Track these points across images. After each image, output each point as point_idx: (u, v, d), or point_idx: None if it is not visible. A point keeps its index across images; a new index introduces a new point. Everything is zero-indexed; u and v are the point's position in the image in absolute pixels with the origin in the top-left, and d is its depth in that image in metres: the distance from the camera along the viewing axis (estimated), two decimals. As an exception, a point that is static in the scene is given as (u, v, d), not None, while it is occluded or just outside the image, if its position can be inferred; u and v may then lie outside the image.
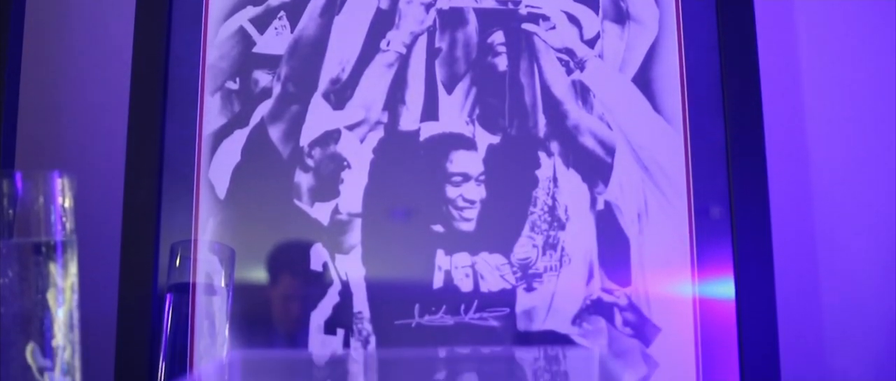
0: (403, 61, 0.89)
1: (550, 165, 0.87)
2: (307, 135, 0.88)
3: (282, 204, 0.87)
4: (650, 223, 0.86)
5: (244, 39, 0.90)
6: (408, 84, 0.89)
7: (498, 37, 0.89)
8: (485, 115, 0.88)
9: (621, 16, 0.90)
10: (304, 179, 0.87)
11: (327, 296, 0.85)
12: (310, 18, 0.90)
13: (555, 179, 0.87)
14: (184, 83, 0.88)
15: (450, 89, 0.89)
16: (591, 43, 0.89)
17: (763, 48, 0.89)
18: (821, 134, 0.94)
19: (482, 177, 0.87)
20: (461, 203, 0.87)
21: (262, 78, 0.89)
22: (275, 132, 0.88)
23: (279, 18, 0.90)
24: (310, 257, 0.86)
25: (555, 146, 0.88)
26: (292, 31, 0.90)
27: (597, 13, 0.90)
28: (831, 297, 0.92)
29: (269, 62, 0.89)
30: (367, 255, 0.86)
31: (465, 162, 0.87)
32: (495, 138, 0.88)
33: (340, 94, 0.89)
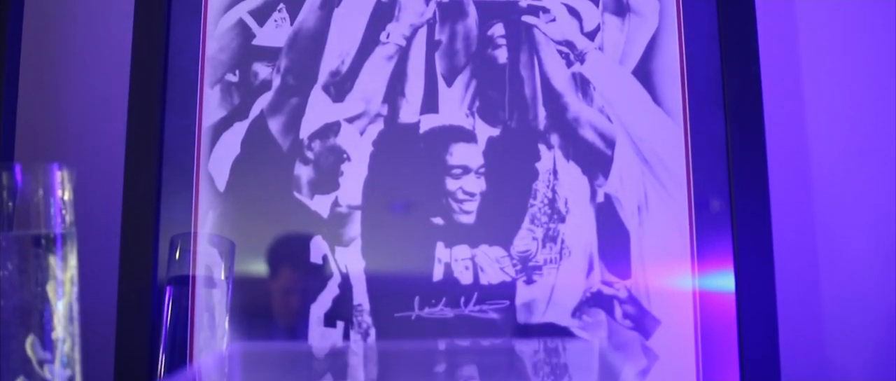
0: (403, 54, 0.89)
1: (550, 157, 0.87)
2: (307, 127, 0.88)
3: (281, 197, 0.87)
4: (650, 216, 0.86)
5: (244, 32, 0.90)
6: (408, 76, 0.88)
7: (498, 29, 0.89)
8: (485, 107, 0.88)
9: (621, 8, 0.90)
10: (303, 172, 0.87)
11: (327, 288, 0.85)
12: (309, 11, 0.90)
13: (555, 172, 0.87)
14: (183, 76, 0.88)
15: (450, 82, 0.88)
16: (591, 35, 0.89)
17: (763, 41, 0.89)
18: (821, 127, 0.94)
19: (482, 169, 0.87)
20: (461, 196, 0.87)
21: (262, 70, 0.89)
22: (274, 125, 0.88)
23: (279, 11, 0.90)
24: (309, 249, 0.86)
25: (555, 139, 0.87)
26: (292, 24, 0.90)
27: (597, 5, 0.90)
28: (831, 290, 0.92)
29: (269, 54, 0.89)
30: (366, 247, 0.86)
31: (465, 154, 0.87)
32: (495, 131, 0.88)
33: (340, 86, 0.89)
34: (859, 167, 0.94)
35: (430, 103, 0.88)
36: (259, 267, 0.86)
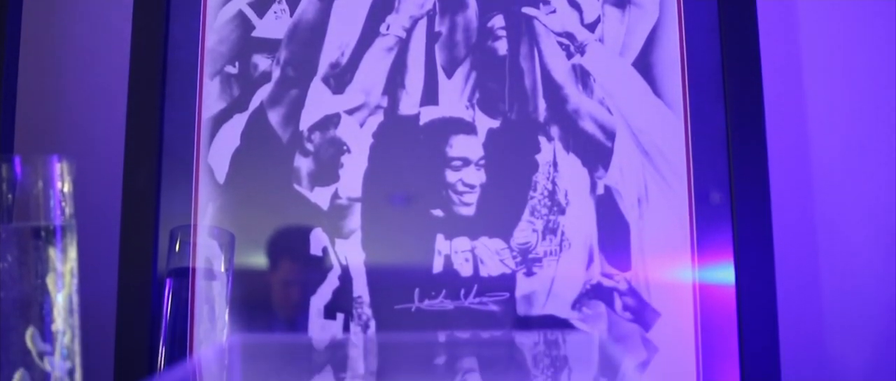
0: (403, 45, 0.89)
1: (550, 149, 0.87)
2: (307, 119, 0.88)
3: (281, 189, 0.87)
4: (650, 208, 0.86)
5: (243, 23, 0.89)
6: (407, 68, 0.88)
7: (498, 21, 0.89)
8: (485, 99, 0.88)
9: None
10: (303, 164, 0.87)
11: (327, 281, 0.85)
12: (309, 2, 0.90)
13: (555, 164, 0.87)
14: (183, 67, 0.88)
15: (450, 73, 0.88)
16: (591, 27, 0.89)
17: (764, 33, 0.89)
18: (822, 119, 0.94)
19: (482, 161, 0.87)
20: (461, 187, 0.87)
21: (262, 62, 0.89)
22: (274, 116, 0.88)
23: (278, 2, 0.90)
24: (309, 241, 0.86)
25: (555, 131, 0.87)
26: (292, 15, 0.90)
27: (597, -3, 0.90)
28: (831, 283, 0.92)
29: (269, 46, 0.89)
30: (366, 239, 0.86)
31: (465, 146, 0.87)
32: (495, 123, 0.88)
33: (340, 78, 0.88)
34: (860, 160, 0.93)
35: (430, 95, 0.88)
36: (259, 259, 0.86)
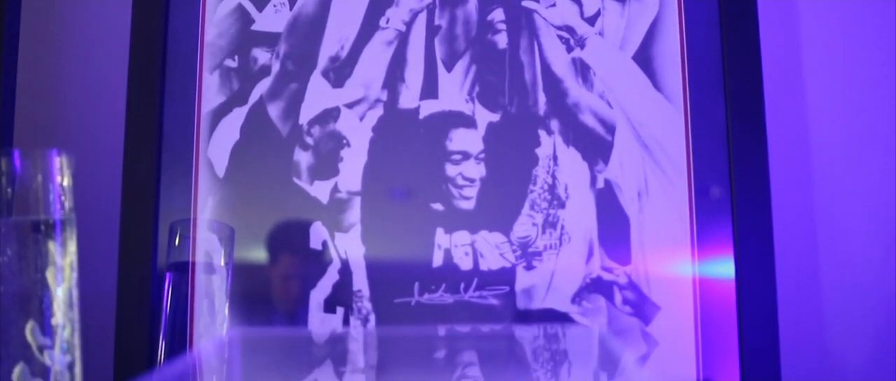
0: (403, 39, 0.89)
1: (550, 143, 0.87)
2: (306, 113, 0.88)
3: (281, 182, 0.87)
4: (650, 202, 0.86)
5: (243, 17, 0.89)
6: (407, 62, 0.88)
7: (498, 14, 0.89)
8: (484, 93, 0.88)
9: (622, -7, 0.90)
10: (303, 158, 0.87)
11: (327, 274, 0.85)
12: (309, -4, 0.90)
13: (555, 158, 0.87)
14: (182, 61, 0.88)
15: (449, 67, 0.88)
16: (591, 20, 0.89)
17: (764, 26, 0.89)
18: (822, 114, 0.94)
19: (482, 155, 0.87)
20: (461, 181, 0.87)
21: (261, 56, 0.89)
22: (274, 110, 0.88)
23: (278, -4, 0.90)
24: (309, 235, 0.86)
25: (555, 124, 0.87)
26: (291, 9, 0.89)
27: (597, -10, 0.90)
28: (831, 278, 0.92)
29: (268, 40, 0.89)
30: (366, 233, 0.86)
31: (465, 140, 0.87)
32: (495, 116, 0.87)
33: (340, 71, 0.88)
34: (860, 154, 0.93)
35: (429, 89, 0.88)
36: (259, 253, 0.86)
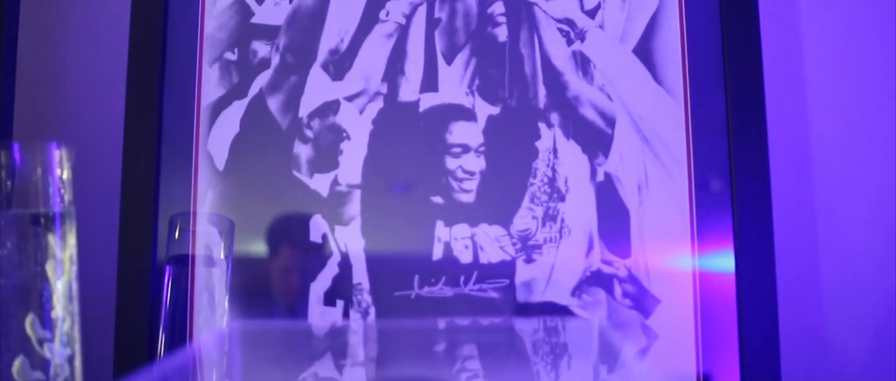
0: (403, 32, 0.88)
1: (550, 136, 0.87)
2: (306, 106, 0.88)
3: (281, 175, 0.87)
4: (650, 195, 0.86)
5: (242, 10, 0.89)
6: (407, 55, 0.88)
7: (498, 7, 0.89)
8: (484, 86, 0.88)
9: (622, -14, 0.90)
10: (303, 151, 0.87)
11: (327, 267, 0.85)
12: (308, -12, 0.89)
13: (555, 151, 0.87)
14: (182, 54, 0.88)
15: (449, 60, 0.88)
16: (591, 13, 0.89)
17: (765, 20, 0.89)
18: (822, 108, 0.94)
19: (482, 148, 0.87)
20: (461, 174, 0.87)
21: (261, 48, 0.89)
22: (274, 103, 0.88)
23: (277, -12, 0.89)
24: (309, 228, 0.86)
25: (555, 117, 0.87)
26: (291, 2, 0.89)
27: (598, -17, 0.89)
28: (831, 271, 0.92)
29: (268, 33, 0.89)
30: (366, 226, 0.86)
31: (465, 133, 0.87)
32: (495, 109, 0.87)
33: (339, 64, 0.88)
34: (861, 148, 0.93)
35: (429, 82, 0.88)
36: (258, 246, 0.86)
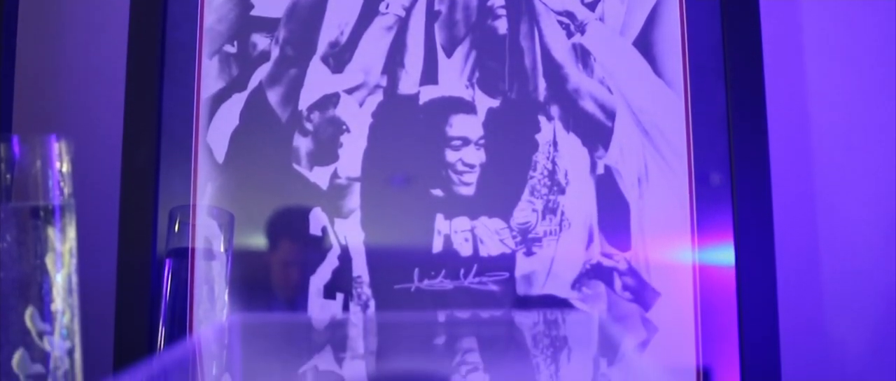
0: (402, 24, 0.88)
1: (550, 129, 0.87)
2: (306, 99, 0.87)
3: (280, 168, 0.87)
4: (650, 188, 0.86)
5: (242, 2, 0.89)
6: (407, 47, 0.88)
7: (497, 0, 0.89)
8: (484, 78, 0.88)
9: (622, -22, 0.89)
10: (302, 143, 0.87)
11: (326, 260, 0.85)
12: (308, -19, 0.89)
13: (555, 143, 0.87)
14: (181, 47, 0.88)
15: (449, 53, 0.88)
16: (591, 6, 0.89)
17: (765, 13, 0.89)
18: (823, 100, 0.94)
19: (482, 141, 0.87)
20: (461, 167, 0.86)
21: (261, 41, 0.88)
22: (273, 96, 0.88)
23: (277, -19, 0.89)
24: (309, 221, 0.86)
25: (555, 110, 0.87)
26: (290, -6, 0.89)
27: (598, -24, 0.89)
28: (831, 264, 0.92)
29: (268, 25, 0.89)
30: (366, 219, 0.86)
31: (465, 126, 0.87)
32: (495, 102, 0.87)
33: (339, 57, 0.88)
34: (861, 141, 0.93)
35: (429, 74, 0.88)
36: (258, 239, 0.86)
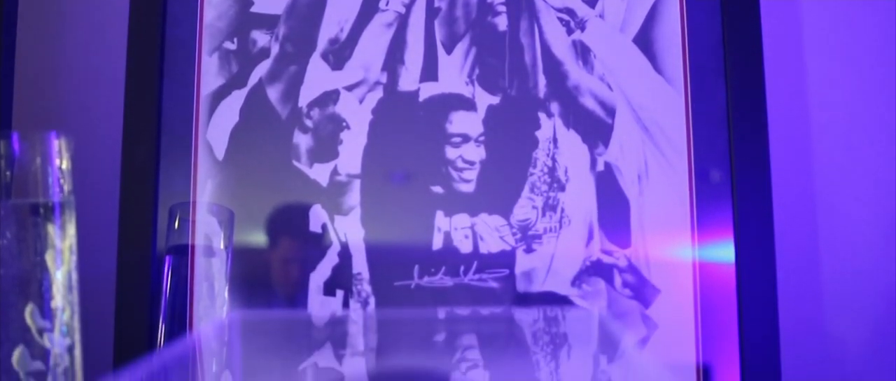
0: (402, 21, 0.88)
1: (550, 125, 0.87)
2: (306, 95, 0.87)
3: (280, 165, 0.87)
4: (650, 185, 0.86)
5: (242, -1, 0.89)
6: (407, 44, 0.88)
7: (498, -4, 0.89)
8: (485, 75, 0.88)
9: (623, -25, 0.89)
10: (302, 140, 0.87)
11: (326, 257, 0.85)
12: (308, -23, 0.89)
13: (555, 140, 0.87)
14: (181, 44, 0.88)
15: (449, 49, 0.88)
16: (591, 2, 0.89)
17: (765, 10, 0.89)
18: (823, 97, 0.94)
19: (482, 138, 0.87)
20: (461, 164, 0.86)
21: (260, 38, 0.88)
22: (273, 93, 0.88)
23: (277, -23, 0.89)
24: (309, 218, 0.86)
25: (555, 107, 0.87)
26: (290, -9, 0.89)
27: (598, -28, 0.89)
28: (831, 262, 0.92)
29: (267, 22, 0.89)
30: (366, 216, 0.86)
31: (465, 123, 0.87)
32: (495, 99, 0.87)
33: (339, 54, 0.88)
34: (861, 139, 0.93)
35: (429, 71, 0.88)
36: (258, 236, 0.85)
